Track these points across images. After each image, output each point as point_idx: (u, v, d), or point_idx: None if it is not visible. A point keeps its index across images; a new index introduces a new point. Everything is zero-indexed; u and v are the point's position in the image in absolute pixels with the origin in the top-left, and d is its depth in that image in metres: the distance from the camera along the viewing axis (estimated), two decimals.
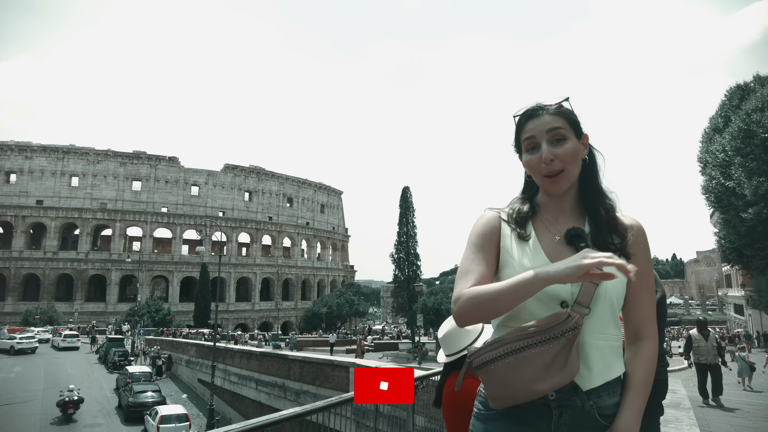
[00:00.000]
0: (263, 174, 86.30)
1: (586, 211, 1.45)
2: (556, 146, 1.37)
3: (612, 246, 1.36)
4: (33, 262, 67.50)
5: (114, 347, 36.41)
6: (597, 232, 1.39)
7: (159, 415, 19.60)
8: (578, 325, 1.25)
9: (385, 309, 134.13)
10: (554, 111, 1.40)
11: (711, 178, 28.85)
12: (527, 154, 1.42)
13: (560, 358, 1.24)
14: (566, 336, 1.24)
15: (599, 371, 1.30)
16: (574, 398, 1.29)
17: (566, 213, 1.45)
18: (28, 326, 52.87)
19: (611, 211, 1.43)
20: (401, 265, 47.02)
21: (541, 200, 1.50)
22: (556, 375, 1.24)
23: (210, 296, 61.15)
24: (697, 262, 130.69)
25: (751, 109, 25.54)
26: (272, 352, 23.53)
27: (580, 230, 1.36)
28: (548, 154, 1.36)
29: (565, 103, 1.43)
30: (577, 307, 1.28)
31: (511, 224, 1.44)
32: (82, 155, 72.90)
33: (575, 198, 1.47)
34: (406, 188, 49.09)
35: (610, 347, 1.33)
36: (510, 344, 1.27)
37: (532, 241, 1.40)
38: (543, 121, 1.39)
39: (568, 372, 1.24)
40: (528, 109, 1.43)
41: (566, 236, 1.37)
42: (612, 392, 1.32)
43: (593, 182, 1.46)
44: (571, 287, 1.30)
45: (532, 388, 1.25)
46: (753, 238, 27.13)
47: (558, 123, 1.39)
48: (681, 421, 6.34)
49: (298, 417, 3.56)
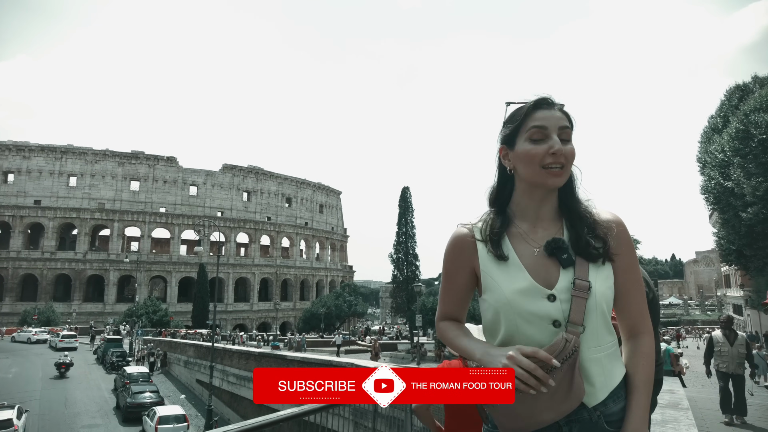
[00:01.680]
0: (262, 174, 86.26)
1: (563, 218, 1.41)
2: (564, 144, 1.35)
3: (594, 251, 1.32)
4: (31, 263, 67.36)
5: (112, 348, 36.36)
6: (577, 240, 1.34)
7: (157, 416, 19.57)
8: (576, 347, 1.24)
9: (384, 309, 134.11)
10: (562, 110, 1.39)
11: (710, 178, 28.87)
12: (530, 143, 1.35)
13: (564, 384, 1.22)
14: (567, 362, 1.22)
15: (602, 384, 1.30)
16: (582, 412, 1.29)
17: (544, 219, 1.40)
18: (25, 326, 52.84)
19: (590, 215, 1.38)
20: (400, 265, 47.07)
21: (517, 208, 1.43)
22: (563, 402, 1.24)
23: (208, 296, 61.12)
24: (696, 262, 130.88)
25: (749, 110, 25.58)
26: (271, 353, 23.49)
27: (560, 241, 1.33)
28: (560, 146, 1.32)
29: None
30: (572, 326, 1.26)
31: (486, 244, 1.38)
32: (80, 155, 72.78)
33: (554, 205, 1.42)
34: (406, 188, 49.17)
35: (607, 356, 1.32)
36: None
37: (512, 261, 1.35)
38: (556, 115, 1.36)
39: (575, 396, 1.24)
40: (540, 97, 1.38)
41: (547, 249, 1.33)
42: (617, 398, 1.31)
43: (571, 189, 1.41)
44: (561, 305, 1.28)
45: (541, 418, 1.25)
46: (752, 239, 27.15)
47: (567, 123, 1.37)
48: (679, 422, 6.32)
49: (296, 417, 3.55)
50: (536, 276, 1.31)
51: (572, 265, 1.31)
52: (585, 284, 1.28)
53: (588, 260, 1.31)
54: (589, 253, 1.32)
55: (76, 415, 22.68)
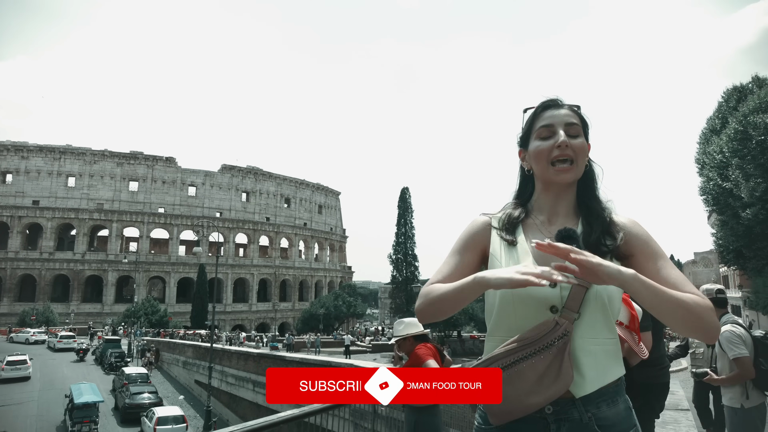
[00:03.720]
0: (261, 174, 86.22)
1: (580, 215, 1.43)
2: (571, 139, 1.38)
3: (603, 247, 1.33)
4: (29, 263, 67.25)
5: (110, 348, 36.28)
6: (589, 233, 1.37)
7: (156, 417, 19.55)
8: (567, 332, 1.24)
9: (383, 310, 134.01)
10: (572, 109, 1.44)
11: (708, 179, 28.94)
12: (539, 141, 1.41)
13: (553, 369, 1.22)
14: (557, 345, 1.22)
15: (592, 377, 1.27)
16: (572, 410, 1.27)
17: (560, 215, 1.44)
18: (24, 327, 52.75)
19: (607, 213, 1.41)
20: (399, 266, 47.14)
21: (536, 202, 1.48)
22: (550, 386, 1.23)
23: (207, 297, 61.04)
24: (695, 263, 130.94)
25: (748, 111, 25.66)
26: (269, 354, 23.54)
27: (571, 231, 1.33)
28: (565, 138, 1.37)
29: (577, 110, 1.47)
30: (566, 312, 1.26)
31: (500, 231, 1.43)
32: (79, 155, 72.70)
33: (572, 201, 1.45)
34: (405, 189, 49.24)
35: (604, 351, 1.30)
36: (502, 359, 1.26)
37: (520, 245, 1.39)
38: (562, 112, 1.42)
39: (562, 382, 1.22)
40: (548, 99, 1.45)
41: (557, 237, 1.33)
42: (611, 402, 1.29)
43: (591, 188, 1.46)
44: (560, 291, 1.29)
45: (527, 401, 1.24)
46: (750, 239, 27.23)
47: (575, 120, 1.42)
48: (679, 423, 6.33)
49: (296, 419, 3.55)
50: (542, 262, 1.30)
51: None
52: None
53: (597, 254, 1.30)
54: (598, 247, 1.33)
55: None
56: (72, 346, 42.17)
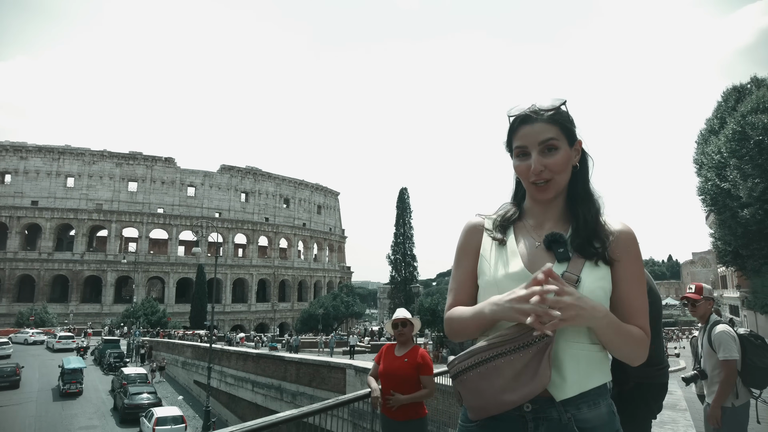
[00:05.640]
0: (260, 175, 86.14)
1: (572, 217, 1.43)
2: (547, 156, 1.35)
3: (592, 249, 1.34)
4: (28, 263, 67.09)
5: (109, 349, 36.20)
6: (575, 237, 1.37)
7: (155, 417, 19.53)
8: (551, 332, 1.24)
9: (381, 310, 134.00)
10: (549, 118, 1.36)
11: (707, 179, 28.95)
12: (517, 160, 1.41)
13: (531, 368, 1.23)
14: (537, 345, 1.23)
15: (574, 381, 1.27)
16: (551, 410, 1.27)
17: (551, 219, 1.44)
18: (22, 328, 52.61)
19: (596, 215, 1.40)
20: (398, 266, 47.15)
21: (527, 205, 1.49)
22: (526, 385, 1.23)
23: (206, 297, 60.98)
24: (693, 263, 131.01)
25: (746, 111, 25.69)
26: (269, 354, 23.48)
27: (558, 235, 1.35)
28: (537, 165, 1.35)
29: (562, 106, 1.39)
30: None
31: (491, 231, 1.45)
32: (78, 156, 72.57)
33: (562, 204, 1.45)
34: (404, 189, 49.25)
35: (587, 357, 1.30)
36: (480, 354, 1.27)
37: (510, 247, 1.40)
38: (535, 129, 1.36)
39: (539, 382, 1.22)
40: (521, 113, 1.39)
41: (545, 242, 1.36)
42: (592, 404, 1.29)
43: (581, 188, 1.44)
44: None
45: (502, 398, 1.24)
46: (748, 240, 27.25)
47: (551, 133, 1.35)
48: (677, 423, 6.35)
49: (295, 419, 3.56)
50: (529, 265, 1.34)
51: (568, 260, 1.33)
52: (573, 277, 1.29)
53: (584, 257, 1.33)
54: (585, 250, 1.33)
55: (74, 416, 22.62)
56: (71, 346, 42.13)
